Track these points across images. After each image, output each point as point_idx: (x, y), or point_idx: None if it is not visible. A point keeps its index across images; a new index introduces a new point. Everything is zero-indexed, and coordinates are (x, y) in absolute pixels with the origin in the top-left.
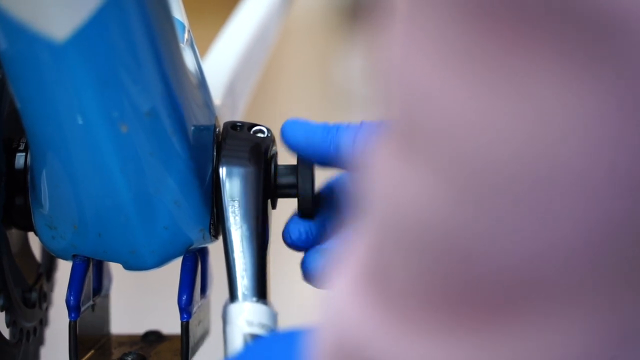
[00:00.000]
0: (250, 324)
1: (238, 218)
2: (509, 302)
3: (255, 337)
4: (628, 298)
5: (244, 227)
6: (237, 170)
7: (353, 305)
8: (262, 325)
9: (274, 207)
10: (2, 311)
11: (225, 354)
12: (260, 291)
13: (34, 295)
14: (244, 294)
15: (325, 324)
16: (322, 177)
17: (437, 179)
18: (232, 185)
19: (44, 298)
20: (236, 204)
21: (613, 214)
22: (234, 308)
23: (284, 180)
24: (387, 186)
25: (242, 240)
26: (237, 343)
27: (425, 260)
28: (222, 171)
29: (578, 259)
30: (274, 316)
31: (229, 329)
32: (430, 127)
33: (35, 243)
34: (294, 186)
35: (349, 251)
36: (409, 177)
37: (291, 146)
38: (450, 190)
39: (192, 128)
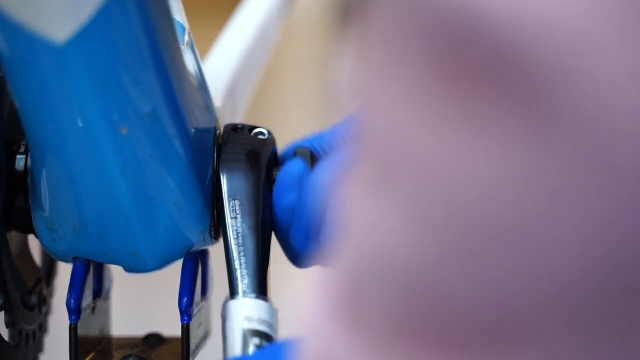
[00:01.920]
0: (249, 319)
1: (238, 218)
2: (483, 340)
3: (254, 333)
4: (613, 335)
5: (244, 227)
6: (238, 172)
7: (330, 334)
8: (262, 321)
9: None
10: (1, 310)
11: (224, 352)
12: (260, 288)
13: (34, 298)
14: (243, 291)
15: (305, 353)
16: None
17: (405, 217)
18: (233, 187)
19: (44, 302)
20: (237, 205)
21: (584, 261)
22: (233, 304)
23: None
24: (358, 219)
25: (242, 241)
26: (236, 339)
27: (397, 296)
28: (223, 173)
29: (553, 301)
30: (274, 312)
31: (228, 324)
32: (397, 166)
33: (35, 248)
34: None
35: (327, 272)
36: (378, 213)
37: None
38: (418, 230)
39: (193, 130)
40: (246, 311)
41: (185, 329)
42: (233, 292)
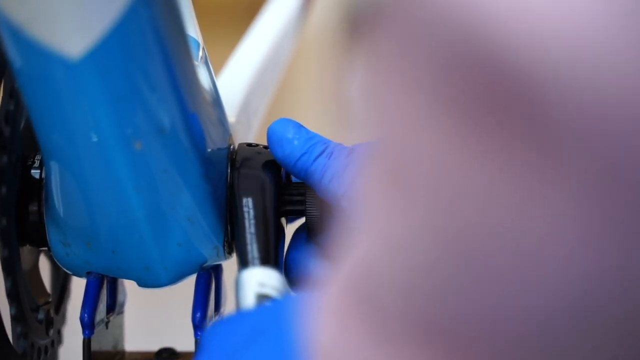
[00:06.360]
0: (262, 285)
1: (253, 235)
2: (492, 349)
3: (267, 298)
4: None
5: (257, 243)
6: (251, 188)
7: (340, 322)
8: (274, 288)
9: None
10: (13, 320)
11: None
12: (273, 261)
13: (42, 313)
14: (255, 260)
15: (312, 341)
16: None
17: (417, 223)
18: (246, 202)
19: (51, 324)
20: (251, 221)
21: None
22: (245, 273)
23: (294, 199)
24: (371, 213)
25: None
26: (249, 303)
27: (405, 296)
28: (237, 188)
29: (556, 320)
30: (285, 282)
31: (241, 292)
32: (410, 176)
33: (45, 273)
34: (302, 204)
35: (337, 267)
36: (391, 211)
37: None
38: (431, 238)
39: (207, 145)
40: (259, 278)
41: (199, 344)
42: (245, 263)
